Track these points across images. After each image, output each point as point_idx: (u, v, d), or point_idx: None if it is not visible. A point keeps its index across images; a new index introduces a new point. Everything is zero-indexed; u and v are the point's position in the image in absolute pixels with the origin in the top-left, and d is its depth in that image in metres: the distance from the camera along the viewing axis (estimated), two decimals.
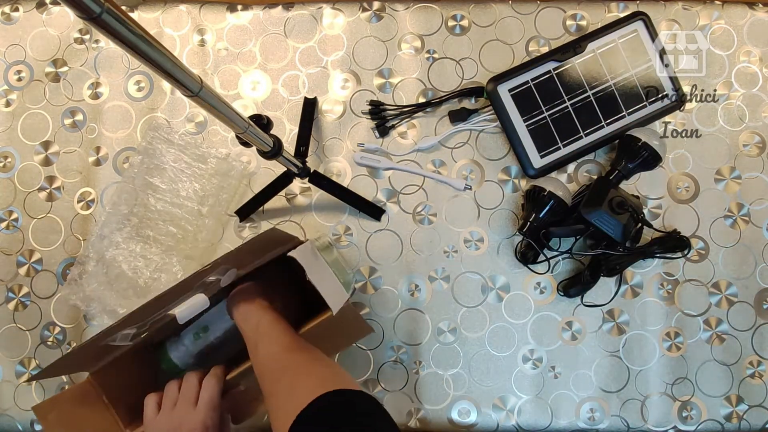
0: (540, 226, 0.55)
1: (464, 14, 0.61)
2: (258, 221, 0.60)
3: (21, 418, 0.60)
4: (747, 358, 0.58)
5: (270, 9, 0.62)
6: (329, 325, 0.46)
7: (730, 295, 0.59)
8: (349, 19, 0.62)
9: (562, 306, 0.59)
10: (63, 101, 0.62)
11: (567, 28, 0.61)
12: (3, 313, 0.61)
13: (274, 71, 0.62)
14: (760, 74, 0.60)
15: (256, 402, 0.51)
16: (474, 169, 0.60)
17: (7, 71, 0.62)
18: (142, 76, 0.62)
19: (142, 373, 0.52)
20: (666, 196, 0.60)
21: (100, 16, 0.20)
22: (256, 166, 0.61)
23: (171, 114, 0.61)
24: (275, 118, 0.61)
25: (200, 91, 0.29)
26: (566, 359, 0.58)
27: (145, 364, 0.52)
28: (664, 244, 0.57)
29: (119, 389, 0.49)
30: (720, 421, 0.58)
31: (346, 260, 0.59)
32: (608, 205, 0.53)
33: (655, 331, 0.58)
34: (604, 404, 0.58)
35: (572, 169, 0.60)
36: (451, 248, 0.59)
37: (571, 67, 0.58)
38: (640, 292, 0.59)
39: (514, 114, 0.58)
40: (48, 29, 0.62)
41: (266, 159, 0.43)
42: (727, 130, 0.60)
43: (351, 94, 0.61)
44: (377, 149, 0.60)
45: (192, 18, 0.62)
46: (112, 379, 0.49)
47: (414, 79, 0.61)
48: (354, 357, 0.59)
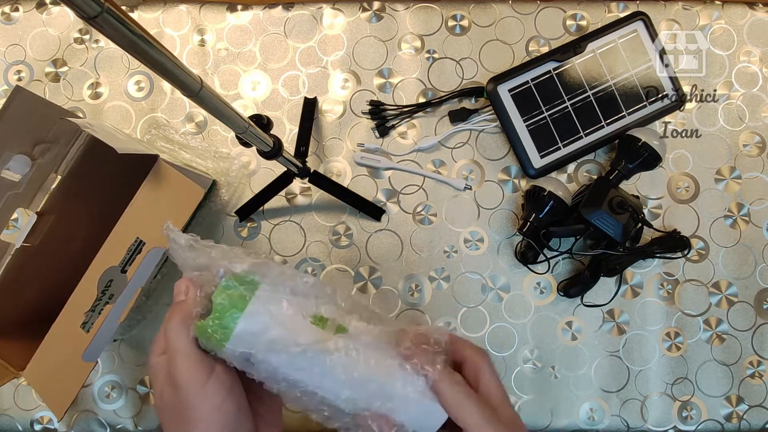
0: (540, 226, 0.55)
1: (464, 14, 0.61)
2: (258, 221, 0.60)
3: (21, 418, 0.60)
4: (747, 358, 0.58)
5: (270, 9, 0.62)
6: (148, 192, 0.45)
7: (730, 295, 0.59)
8: (349, 19, 0.62)
9: (562, 306, 0.59)
10: (63, 101, 0.62)
11: (567, 28, 0.61)
12: None
13: (274, 71, 0.62)
14: (760, 74, 0.60)
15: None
16: (474, 169, 0.60)
17: (7, 71, 0.62)
18: (142, 76, 0.62)
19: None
20: (666, 196, 0.60)
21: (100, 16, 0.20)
22: (256, 166, 0.61)
23: (171, 114, 0.61)
24: (275, 118, 0.61)
25: (200, 91, 0.29)
26: (566, 359, 0.58)
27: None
28: (664, 244, 0.57)
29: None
30: (720, 421, 0.58)
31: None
32: (608, 205, 0.53)
33: (655, 331, 0.58)
34: (604, 404, 0.58)
35: (572, 169, 0.60)
36: (451, 248, 0.60)
37: (571, 67, 0.58)
38: (640, 292, 0.59)
39: (514, 114, 0.58)
40: (48, 29, 0.62)
41: (266, 159, 0.43)
42: (727, 130, 0.60)
43: (351, 94, 0.61)
44: (377, 149, 0.60)
45: (192, 18, 0.62)
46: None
47: (414, 79, 0.61)
48: None
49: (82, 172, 0.52)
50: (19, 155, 0.45)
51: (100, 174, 0.53)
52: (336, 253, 0.60)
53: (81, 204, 0.53)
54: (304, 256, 0.60)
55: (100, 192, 0.53)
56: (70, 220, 0.53)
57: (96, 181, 0.53)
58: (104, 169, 0.52)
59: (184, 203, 0.48)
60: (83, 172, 0.52)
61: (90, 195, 0.53)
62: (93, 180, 0.53)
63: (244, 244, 0.60)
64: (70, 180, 0.51)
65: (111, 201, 0.47)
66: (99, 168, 0.52)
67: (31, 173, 0.48)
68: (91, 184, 0.53)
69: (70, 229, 0.54)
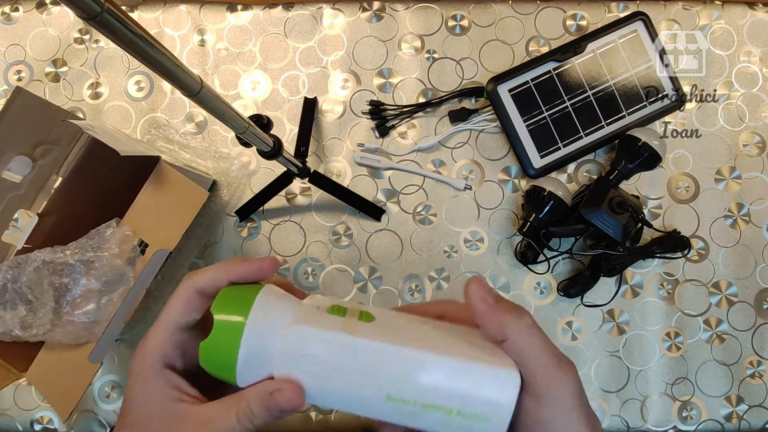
0: (540, 226, 0.55)
1: (464, 14, 0.61)
2: (258, 221, 0.60)
3: (21, 418, 0.60)
4: (747, 358, 0.58)
5: (270, 9, 0.62)
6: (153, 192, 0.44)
7: (730, 295, 0.59)
8: (349, 19, 0.62)
9: (562, 306, 0.59)
10: (63, 101, 0.62)
11: (567, 28, 0.61)
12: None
13: (274, 71, 0.62)
14: (760, 74, 0.60)
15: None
16: (474, 169, 0.60)
17: (7, 71, 0.62)
18: (142, 76, 0.62)
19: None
20: (666, 196, 0.60)
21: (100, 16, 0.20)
22: (256, 166, 0.61)
23: (171, 114, 0.61)
24: (275, 118, 0.61)
25: (200, 91, 0.29)
26: None
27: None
28: (664, 244, 0.57)
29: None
30: (720, 421, 0.58)
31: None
32: (608, 205, 0.53)
33: (655, 331, 0.58)
34: (604, 404, 0.58)
35: (572, 169, 0.60)
36: (451, 248, 0.60)
37: (571, 67, 0.58)
38: (640, 292, 0.59)
39: (514, 114, 0.58)
40: (48, 29, 0.62)
41: (266, 159, 0.43)
42: (727, 130, 0.60)
43: (351, 94, 0.61)
44: (377, 149, 0.60)
45: (192, 18, 0.62)
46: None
47: (414, 79, 0.61)
48: None
49: (83, 174, 0.52)
50: (20, 156, 0.45)
51: (101, 175, 0.53)
52: (336, 253, 0.60)
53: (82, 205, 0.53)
54: (304, 256, 0.60)
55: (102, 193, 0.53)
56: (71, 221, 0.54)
57: (97, 182, 0.53)
58: (105, 170, 0.52)
59: (187, 205, 0.48)
60: (84, 174, 0.52)
61: (91, 196, 0.53)
62: (94, 181, 0.53)
63: (244, 244, 0.60)
64: (71, 181, 0.51)
65: (112, 202, 0.47)
66: (100, 169, 0.52)
67: (32, 174, 0.48)
68: (92, 186, 0.53)
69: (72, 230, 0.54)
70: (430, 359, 0.25)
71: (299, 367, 0.25)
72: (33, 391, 0.60)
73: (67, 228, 0.53)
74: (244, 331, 0.24)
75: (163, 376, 0.26)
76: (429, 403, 0.24)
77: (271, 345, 0.25)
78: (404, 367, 0.24)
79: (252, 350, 0.24)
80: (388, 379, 0.24)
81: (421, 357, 0.25)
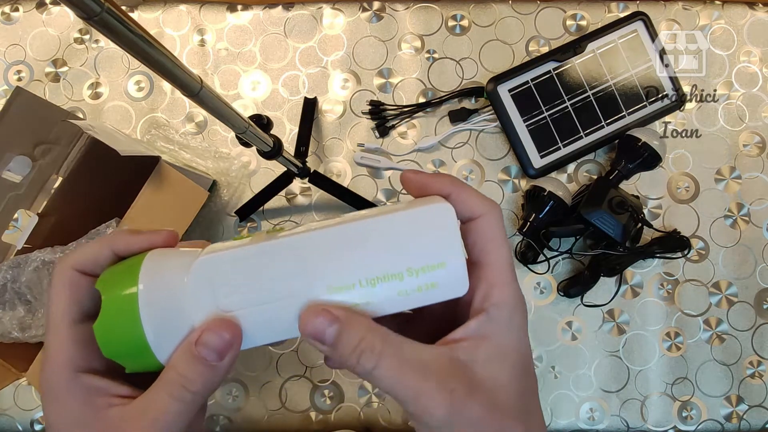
0: (540, 226, 0.55)
1: (464, 14, 0.61)
2: (258, 221, 0.60)
3: (21, 418, 0.60)
4: (747, 358, 0.58)
5: (270, 9, 0.62)
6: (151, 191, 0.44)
7: (730, 295, 0.59)
8: (349, 19, 0.62)
9: (562, 306, 0.59)
10: (63, 101, 0.62)
11: (567, 28, 0.61)
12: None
13: (274, 71, 0.62)
14: (760, 74, 0.60)
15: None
16: (474, 169, 0.60)
17: (7, 71, 0.62)
18: (142, 76, 0.62)
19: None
20: (666, 196, 0.60)
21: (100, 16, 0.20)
22: (256, 166, 0.61)
23: (171, 114, 0.61)
24: (275, 118, 0.61)
25: (200, 91, 0.29)
26: (566, 359, 0.58)
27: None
28: (664, 244, 0.57)
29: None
30: (720, 421, 0.58)
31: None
32: (608, 205, 0.53)
33: (655, 331, 0.58)
34: (603, 404, 0.58)
35: (572, 169, 0.60)
36: None
37: (571, 67, 0.58)
38: (640, 292, 0.59)
39: (514, 114, 0.58)
40: (48, 29, 0.62)
41: (266, 159, 0.43)
42: (727, 130, 0.60)
43: (351, 94, 0.61)
44: (377, 149, 0.60)
45: (192, 18, 0.62)
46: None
47: (414, 79, 0.61)
48: None
49: (83, 174, 0.52)
50: (20, 156, 0.45)
51: (101, 175, 0.53)
52: None
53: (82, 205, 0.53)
54: None
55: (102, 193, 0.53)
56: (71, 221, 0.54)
57: (97, 182, 0.53)
58: (106, 170, 0.52)
59: (187, 205, 0.48)
60: (84, 174, 0.52)
61: (91, 196, 0.53)
62: (94, 181, 0.53)
63: None
64: (72, 181, 0.51)
65: (112, 202, 0.47)
66: (100, 169, 0.52)
67: (32, 174, 0.48)
68: (92, 186, 0.53)
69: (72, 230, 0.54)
70: (349, 228, 0.22)
71: (217, 304, 0.21)
72: (33, 391, 0.60)
73: (67, 228, 0.53)
74: (139, 296, 0.21)
75: (78, 384, 0.21)
76: (373, 276, 0.21)
77: (175, 299, 0.21)
78: (327, 249, 0.22)
79: (156, 313, 0.21)
80: (318, 270, 0.21)
81: (339, 231, 0.22)
